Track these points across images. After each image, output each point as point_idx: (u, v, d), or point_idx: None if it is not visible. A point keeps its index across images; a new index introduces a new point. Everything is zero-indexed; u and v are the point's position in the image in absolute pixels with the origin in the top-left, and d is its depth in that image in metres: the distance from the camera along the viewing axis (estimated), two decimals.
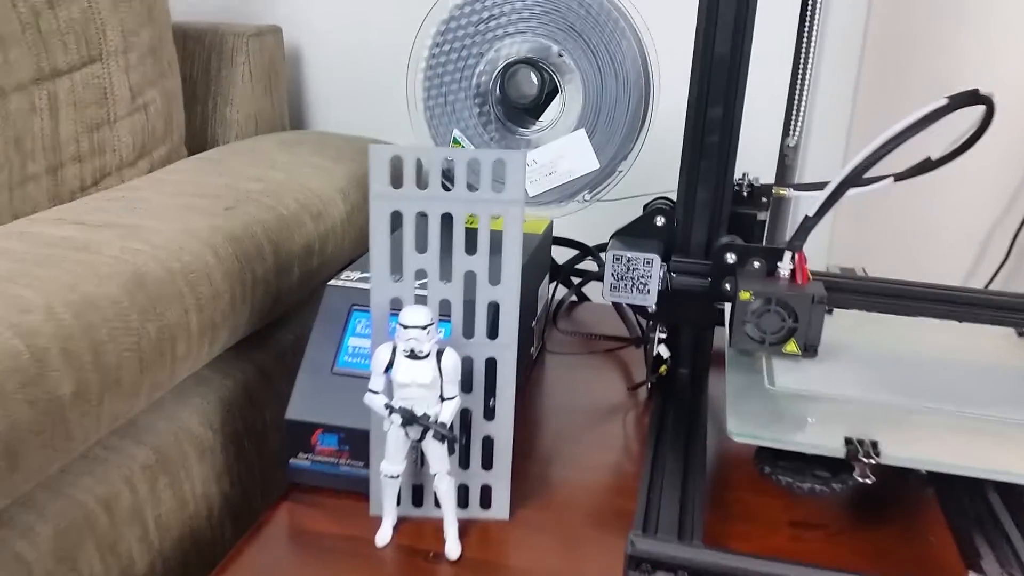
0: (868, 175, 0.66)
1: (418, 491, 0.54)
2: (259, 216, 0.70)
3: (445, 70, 0.70)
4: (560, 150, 0.69)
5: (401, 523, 0.54)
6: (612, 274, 0.65)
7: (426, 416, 0.48)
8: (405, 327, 0.47)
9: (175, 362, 0.58)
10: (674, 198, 0.66)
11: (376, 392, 0.49)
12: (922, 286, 0.64)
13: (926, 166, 0.65)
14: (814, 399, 0.56)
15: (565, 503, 0.58)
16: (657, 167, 0.70)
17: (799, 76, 0.78)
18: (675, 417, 0.64)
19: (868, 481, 0.50)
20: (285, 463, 0.56)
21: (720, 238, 0.64)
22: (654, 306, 0.65)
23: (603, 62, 0.67)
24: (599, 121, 0.68)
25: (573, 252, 0.89)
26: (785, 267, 0.61)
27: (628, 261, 0.64)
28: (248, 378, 0.70)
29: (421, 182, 0.50)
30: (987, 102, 0.60)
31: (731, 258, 0.63)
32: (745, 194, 0.68)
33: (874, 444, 0.50)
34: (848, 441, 0.50)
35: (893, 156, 0.60)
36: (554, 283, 0.87)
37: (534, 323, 0.75)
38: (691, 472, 0.57)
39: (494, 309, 0.52)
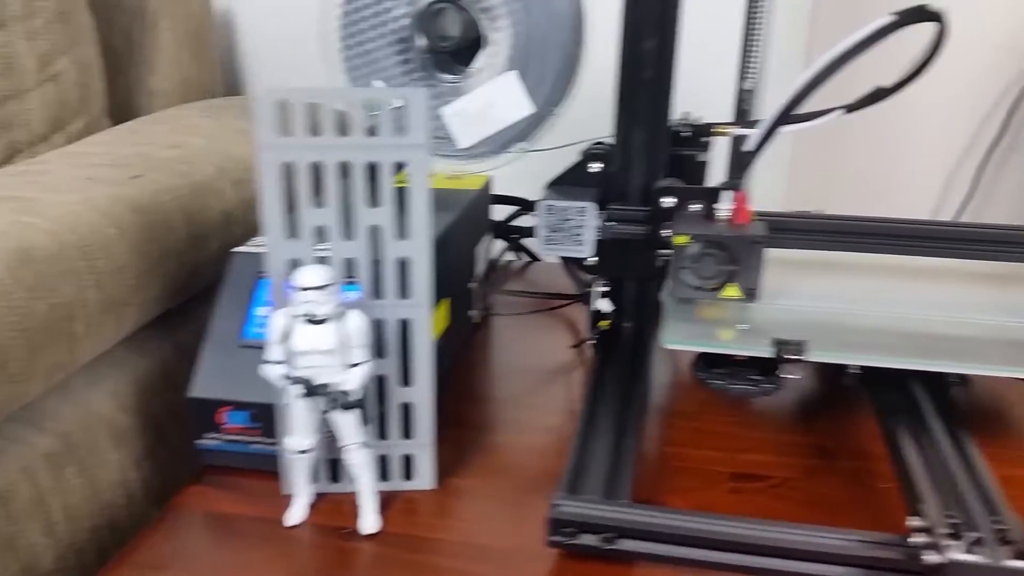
0: (819, 108, 0.62)
1: (335, 465, 0.50)
2: (169, 184, 0.66)
3: (361, 16, 0.65)
4: (490, 96, 0.65)
5: (319, 500, 0.50)
6: (545, 225, 0.60)
7: (328, 386, 0.44)
8: (300, 289, 0.43)
9: (74, 342, 0.54)
10: (612, 142, 0.62)
11: (274, 363, 0.45)
12: (868, 220, 0.60)
13: (878, 95, 0.61)
14: (749, 310, 0.56)
15: (500, 469, 0.54)
16: (601, 111, 0.65)
17: (753, 17, 0.74)
18: (615, 373, 0.60)
19: (795, 376, 0.51)
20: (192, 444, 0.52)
21: (654, 180, 0.61)
22: (592, 257, 0.61)
23: None
24: (530, 62, 0.63)
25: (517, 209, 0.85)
26: (723, 208, 0.57)
27: (561, 211, 0.60)
28: (167, 356, 0.65)
29: (318, 129, 0.45)
30: (937, 18, 0.55)
31: (669, 202, 0.59)
32: (686, 135, 0.64)
33: (801, 343, 0.50)
34: (776, 342, 0.51)
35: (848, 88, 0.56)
36: (502, 243, 0.83)
37: (473, 284, 0.71)
38: (627, 428, 0.53)
39: (405, 266, 0.48)
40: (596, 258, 0.63)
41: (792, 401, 0.62)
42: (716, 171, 0.66)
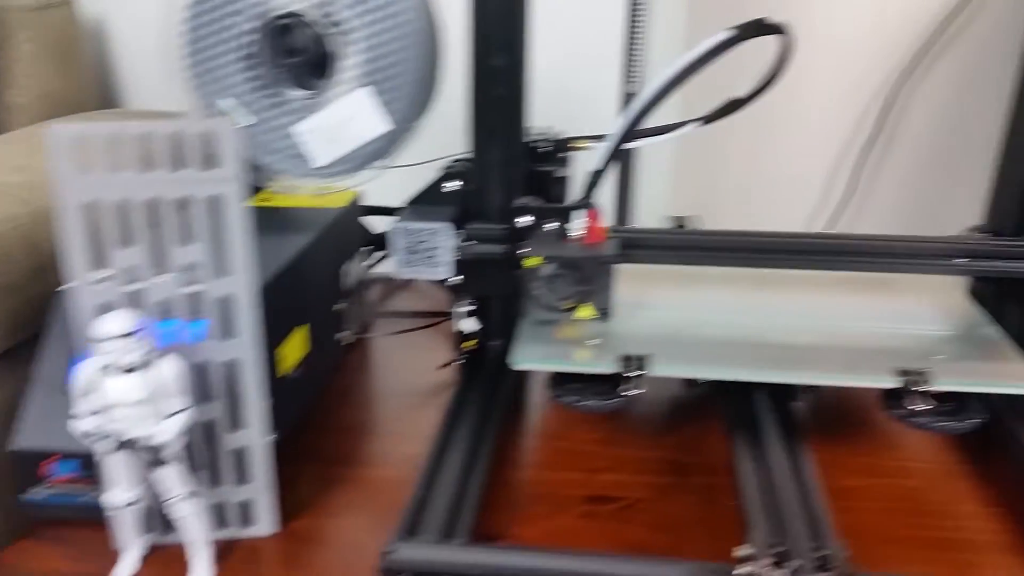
0: (678, 120, 0.62)
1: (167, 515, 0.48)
2: (9, 212, 0.62)
3: (206, 30, 0.62)
4: (344, 113, 0.62)
5: (154, 552, 0.48)
6: (401, 248, 0.59)
7: (138, 440, 0.42)
8: (101, 339, 0.41)
9: None
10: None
11: (79, 417, 0.42)
12: (726, 235, 0.60)
13: (733, 106, 0.60)
14: (606, 325, 0.56)
15: (352, 507, 0.52)
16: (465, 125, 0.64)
17: (634, 20, 0.74)
18: (477, 395, 0.59)
19: (638, 391, 0.51)
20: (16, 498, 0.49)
21: (513, 198, 0.59)
22: (451, 278, 0.59)
23: (380, 9, 0.60)
24: (384, 77, 0.61)
25: None
26: (576, 227, 0.56)
27: (416, 233, 0.58)
28: (7, 399, 0.62)
29: (121, 163, 0.43)
30: (779, 31, 0.55)
31: (525, 221, 0.57)
32: (545, 150, 0.62)
33: (644, 358, 0.51)
34: (621, 358, 0.51)
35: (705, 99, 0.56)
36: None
37: (342, 305, 0.69)
38: (480, 455, 0.52)
39: (227, 304, 0.45)
40: (458, 278, 0.61)
41: (654, 414, 0.61)
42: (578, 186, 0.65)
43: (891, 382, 0.50)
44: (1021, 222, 0.56)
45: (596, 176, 0.54)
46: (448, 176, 0.60)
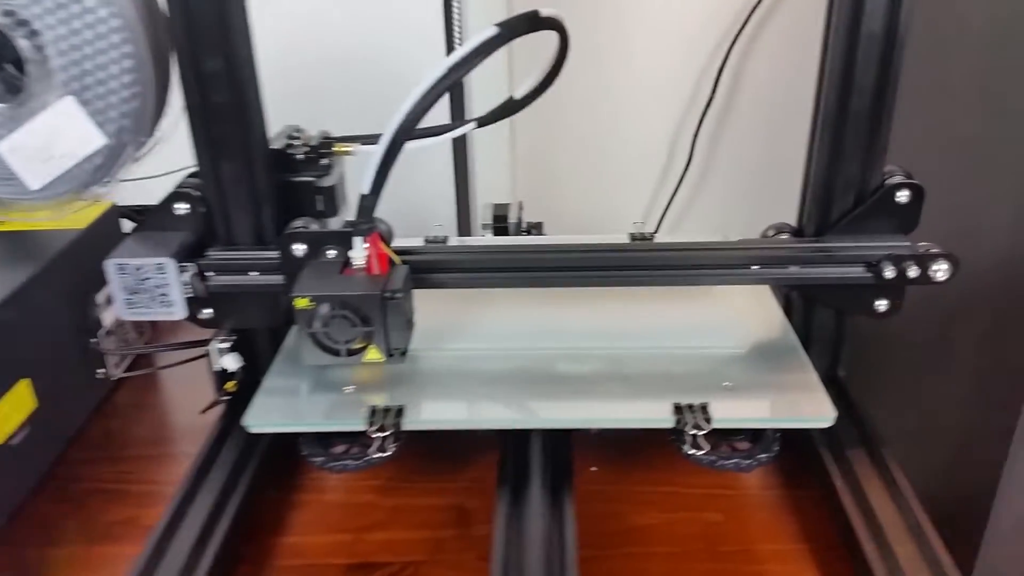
0: (451, 122, 0.54)
1: None
2: None
3: None
4: (50, 127, 0.52)
5: None
6: (121, 288, 0.50)
7: None
8: None
9: None
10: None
11: None
12: (525, 250, 0.52)
13: (509, 107, 0.53)
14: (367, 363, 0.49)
15: None
16: None
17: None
18: (233, 447, 0.51)
19: (384, 455, 0.45)
20: None
21: (263, 216, 0.51)
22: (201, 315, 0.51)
23: (75, 3, 0.50)
24: (89, 84, 0.51)
25: None
26: (358, 256, 0.48)
27: (135, 270, 0.49)
28: None
29: None
30: (555, 25, 0.47)
31: (300, 250, 0.49)
32: (300, 157, 0.53)
33: (400, 410, 0.46)
34: (372, 411, 0.46)
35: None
36: None
37: (97, 340, 0.60)
38: (218, 523, 0.45)
39: None
40: (208, 311, 0.53)
41: (443, 450, 0.55)
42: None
43: (665, 421, 0.44)
44: (822, 221, 0.49)
45: (369, 200, 0.46)
46: (176, 197, 0.51)
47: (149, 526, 0.49)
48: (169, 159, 0.53)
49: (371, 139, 0.54)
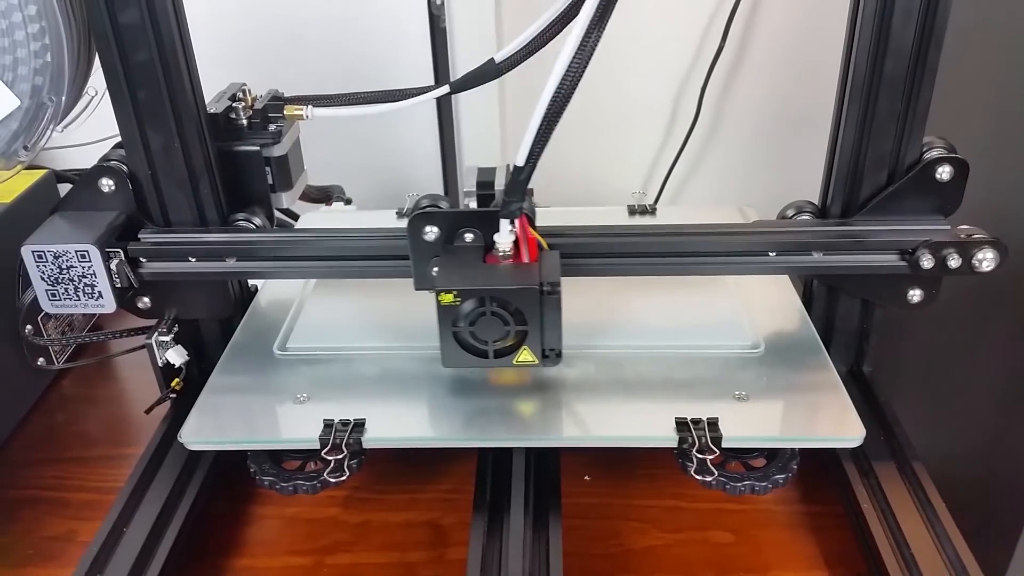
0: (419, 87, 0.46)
1: None
2: None
3: None
4: None
5: None
6: (41, 277, 0.43)
7: None
8: None
9: None
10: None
11: None
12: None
13: (486, 73, 0.45)
14: (325, 362, 0.46)
15: None
16: None
17: None
18: (176, 454, 0.45)
19: (342, 477, 0.40)
20: None
21: (201, 192, 0.44)
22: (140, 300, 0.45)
23: None
24: None
25: None
26: (504, 241, 0.41)
27: (56, 258, 0.43)
28: None
29: None
30: None
31: (432, 233, 0.41)
32: (242, 123, 0.46)
33: (360, 424, 0.40)
34: (327, 425, 0.40)
35: None
36: None
37: (30, 328, 0.53)
38: (159, 542, 0.40)
39: None
40: (146, 300, 0.46)
41: (415, 458, 0.49)
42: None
43: (668, 440, 0.38)
44: (850, 201, 0.42)
45: (522, 173, 0.38)
46: (101, 170, 0.44)
47: (87, 542, 0.43)
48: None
49: (328, 100, 0.47)
